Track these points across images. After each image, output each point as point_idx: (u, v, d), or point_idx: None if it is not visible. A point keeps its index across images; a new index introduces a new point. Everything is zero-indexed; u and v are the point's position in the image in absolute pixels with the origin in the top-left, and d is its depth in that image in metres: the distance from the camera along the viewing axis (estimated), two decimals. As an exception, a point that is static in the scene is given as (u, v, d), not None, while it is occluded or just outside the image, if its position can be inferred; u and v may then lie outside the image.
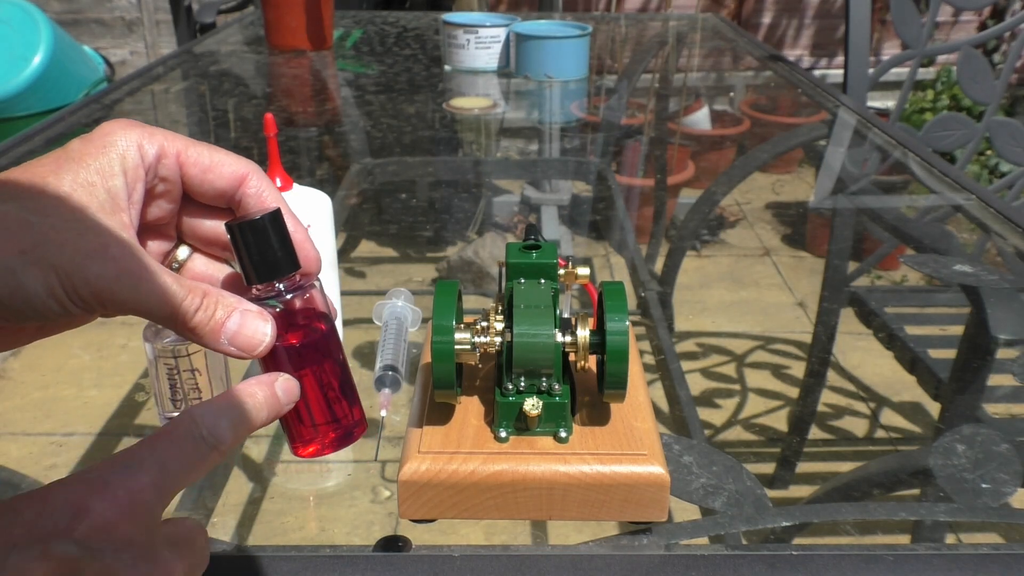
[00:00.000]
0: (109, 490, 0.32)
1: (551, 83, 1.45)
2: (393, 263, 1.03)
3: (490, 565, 0.44)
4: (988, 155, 2.85)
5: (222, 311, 0.37)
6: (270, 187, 0.40)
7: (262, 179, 0.39)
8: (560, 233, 1.09)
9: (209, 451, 0.35)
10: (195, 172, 0.38)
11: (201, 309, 0.36)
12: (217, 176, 0.39)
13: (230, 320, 0.37)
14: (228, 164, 0.39)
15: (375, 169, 1.17)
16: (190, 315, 0.36)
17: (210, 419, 0.35)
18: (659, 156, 1.31)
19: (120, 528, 0.32)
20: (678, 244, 1.07)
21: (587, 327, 0.47)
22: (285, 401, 0.38)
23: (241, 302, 0.37)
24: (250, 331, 0.37)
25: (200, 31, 2.30)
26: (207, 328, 0.36)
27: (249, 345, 0.37)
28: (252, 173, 0.39)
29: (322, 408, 0.40)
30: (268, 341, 0.38)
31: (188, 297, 0.36)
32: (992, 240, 0.93)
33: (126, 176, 0.36)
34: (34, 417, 0.75)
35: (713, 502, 0.50)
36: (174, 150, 0.38)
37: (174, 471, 0.34)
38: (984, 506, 0.52)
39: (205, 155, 0.38)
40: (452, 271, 0.97)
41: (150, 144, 0.37)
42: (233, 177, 0.39)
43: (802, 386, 0.82)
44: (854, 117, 1.31)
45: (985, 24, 3.54)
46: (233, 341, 0.37)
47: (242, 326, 0.37)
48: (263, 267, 0.38)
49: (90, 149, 0.36)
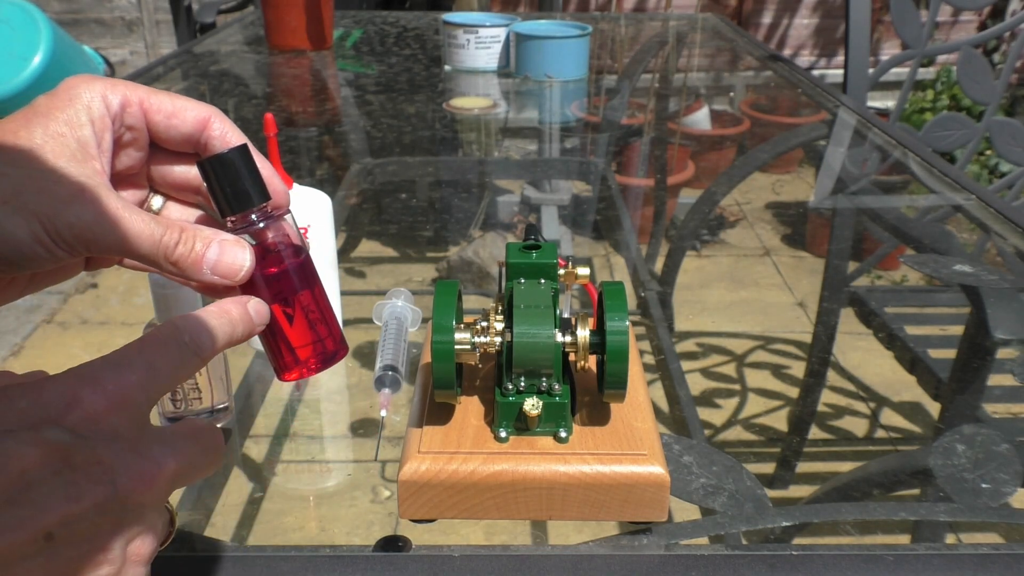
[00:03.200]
0: (100, 384, 0.34)
1: (551, 83, 1.45)
2: (393, 263, 1.03)
3: (490, 565, 0.44)
4: (988, 155, 2.85)
5: (200, 243, 0.38)
6: (232, 128, 0.41)
7: (224, 121, 0.41)
8: (560, 233, 1.09)
9: (191, 356, 0.37)
10: (159, 119, 0.40)
11: (181, 243, 0.38)
12: (181, 121, 0.40)
13: (209, 250, 0.38)
14: (190, 109, 0.40)
15: (375, 169, 1.17)
16: (171, 249, 0.37)
17: (193, 328, 0.37)
18: (659, 156, 1.31)
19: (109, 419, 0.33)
20: (678, 244, 1.07)
21: (587, 327, 0.47)
22: (257, 321, 0.39)
23: (218, 233, 0.39)
24: (229, 259, 0.39)
25: (200, 31, 2.30)
26: (188, 260, 0.38)
27: (230, 271, 0.39)
28: (214, 116, 0.41)
29: (302, 332, 0.42)
30: (248, 266, 0.39)
31: (167, 233, 0.37)
32: (992, 240, 0.93)
33: (94, 126, 0.37)
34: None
35: (713, 502, 0.50)
36: (137, 98, 0.39)
37: (160, 372, 0.35)
38: (984, 506, 0.52)
39: (167, 102, 0.40)
40: (452, 271, 0.97)
41: (113, 94, 0.38)
42: (196, 121, 0.40)
43: (802, 386, 0.82)
44: (854, 117, 1.31)
45: (985, 24, 3.54)
46: (215, 270, 0.39)
47: (221, 254, 0.39)
48: (235, 199, 0.39)
49: (56, 103, 0.37)
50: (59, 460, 0.32)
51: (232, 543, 0.47)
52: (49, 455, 0.32)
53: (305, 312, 0.41)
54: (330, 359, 0.42)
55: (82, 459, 0.32)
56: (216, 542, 0.47)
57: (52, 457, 0.32)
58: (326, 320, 0.42)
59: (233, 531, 0.57)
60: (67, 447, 0.32)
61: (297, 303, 0.41)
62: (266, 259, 0.40)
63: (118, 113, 0.39)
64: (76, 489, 0.32)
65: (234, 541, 0.48)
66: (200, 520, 0.55)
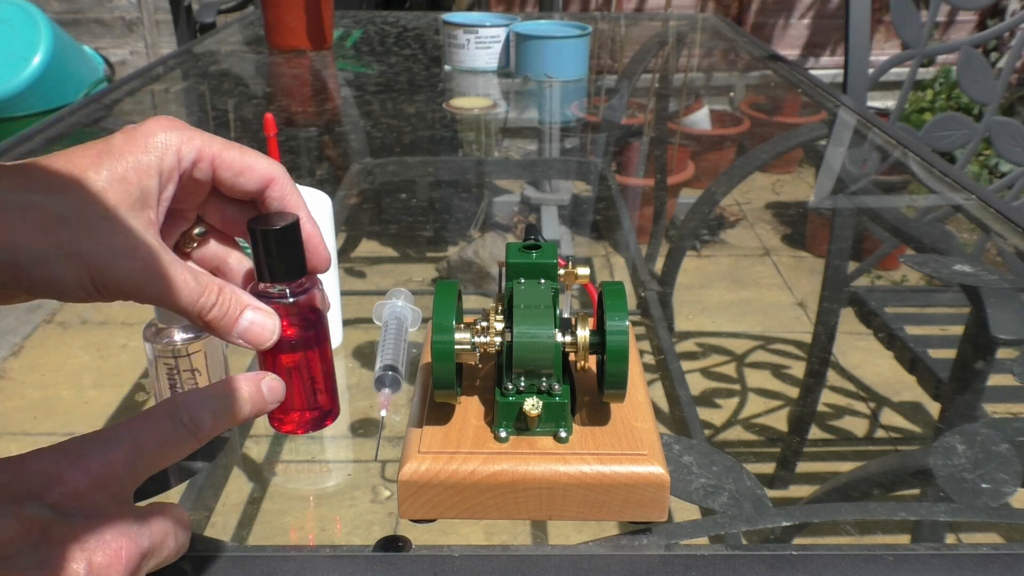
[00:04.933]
0: (83, 461, 0.35)
1: (551, 83, 1.45)
2: (393, 263, 1.03)
3: (490, 565, 0.44)
4: (988, 155, 2.85)
5: (235, 308, 0.40)
6: (293, 191, 0.43)
7: (287, 183, 0.43)
8: (560, 233, 1.08)
9: (187, 436, 0.38)
10: (227, 175, 0.41)
11: (217, 306, 0.40)
12: (247, 180, 0.42)
13: (242, 318, 0.41)
14: (257, 168, 0.42)
15: (375, 169, 1.17)
16: (206, 310, 0.39)
17: (193, 406, 0.38)
18: (659, 156, 1.31)
19: (91, 496, 0.34)
20: (678, 244, 1.07)
21: (587, 327, 0.47)
22: (270, 399, 0.41)
23: (252, 300, 0.41)
24: (258, 328, 0.41)
25: (200, 31, 2.30)
26: (221, 323, 0.40)
27: (258, 340, 0.41)
28: (279, 177, 0.42)
29: (304, 394, 0.45)
30: (274, 338, 0.42)
31: (205, 294, 0.39)
32: (992, 240, 0.93)
33: (160, 177, 0.39)
34: (34, 417, 0.75)
35: (713, 502, 0.50)
36: (210, 154, 0.40)
37: (149, 450, 0.36)
38: (984, 506, 0.52)
39: (237, 159, 0.41)
40: (452, 271, 0.97)
41: (189, 149, 0.40)
42: (261, 180, 0.42)
43: (802, 386, 0.82)
44: (854, 117, 1.31)
45: (985, 24, 3.54)
46: (243, 335, 0.41)
47: (252, 323, 0.41)
48: (274, 270, 0.42)
49: (131, 148, 0.38)
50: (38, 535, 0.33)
51: (232, 543, 0.47)
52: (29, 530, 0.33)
53: (311, 375, 0.45)
54: (321, 422, 0.46)
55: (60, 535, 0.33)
56: (216, 542, 0.47)
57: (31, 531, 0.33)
58: (326, 384, 0.46)
59: (233, 531, 0.57)
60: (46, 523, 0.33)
61: (306, 365, 0.44)
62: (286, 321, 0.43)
63: (188, 168, 0.40)
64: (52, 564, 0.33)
65: (234, 541, 0.48)
66: (200, 520, 0.55)
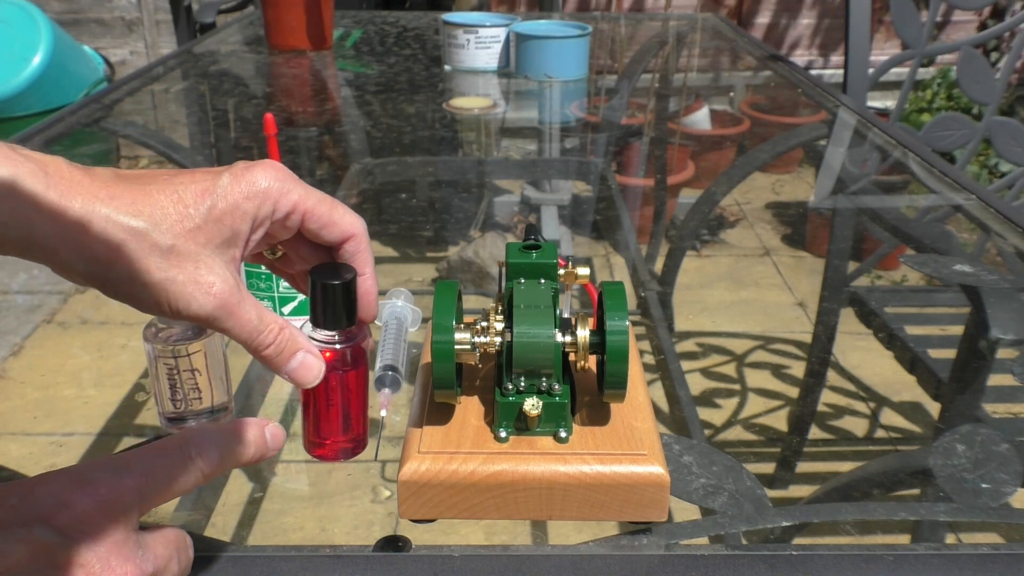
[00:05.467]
0: (92, 486, 0.36)
1: (551, 83, 1.45)
2: (393, 263, 1.03)
3: (490, 565, 0.44)
4: (988, 155, 2.85)
5: (288, 350, 0.44)
6: (367, 249, 0.47)
7: (363, 241, 0.46)
8: (560, 233, 1.09)
9: (195, 471, 0.39)
10: (313, 227, 0.44)
11: (274, 345, 0.43)
12: (329, 232, 0.45)
13: (294, 358, 0.44)
14: (341, 225, 0.45)
15: (375, 169, 1.17)
16: (263, 347, 0.43)
17: (202, 444, 0.40)
18: (659, 156, 1.31)
19: (97, 522, 0.35)
20: (678, 244, 1.07)
21: (587, 327, 0.47)
22: (272, 446, 0.43)
23: (305, 342, 0.45)
24: (305, 371, 0.44)
25: (200, 31, 2.30)
26: (274, 360, 0.43)
27: (303, 380, 0.45)
28: (359, 235, 0.46)
29: (339, 424, 0.48)
30: (318, 380, 0.45)
31: (265, 331, 0.43)
32: (992, 240, 0.93)
33: (254, 222, 0.42)
34: (34, 417, 0.75)
35: (713, 502, 0.50)
36: (303, 208, 0.43)
37: (157, 482, 0.38)
38: (984, 506, 0.52)
39: (326, 214, 0.44)
40: (452, 271, 0.97)
41: (286, 202, 0.43)
42: (342, 235, 0.45)
43: (802, 386, 0.82)
44: (854, 117, 1.31)
45: (985, 24, 3.54)
46: (292, 374, 0.44)
47: (302, 364, 0.44)
48: (327, 318, 0.46)
49: (234, 191, 0.41)
50: (44, 559, 0.33)
51: (232, 543, 0.47)
52: (36, 554, 0.33)
53: (347, 409, 0.48)
54: (352, 451, 0.50)
55: (66, 560, 0.34)
56: (216, 542, 0.47)
57: (38, 556, 0.33)
58: (362, 417, 0.49)
59: (233, 531, 0.57)
60: (53, 547, 0.34)
61: (344, 399, 0.48)
62: (332, 360, 0.47)
63: (280, 220, 0.43)
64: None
65: (234, 541, 0.48)
66: (200, 520, 0.55)
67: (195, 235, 0.40)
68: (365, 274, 0.46)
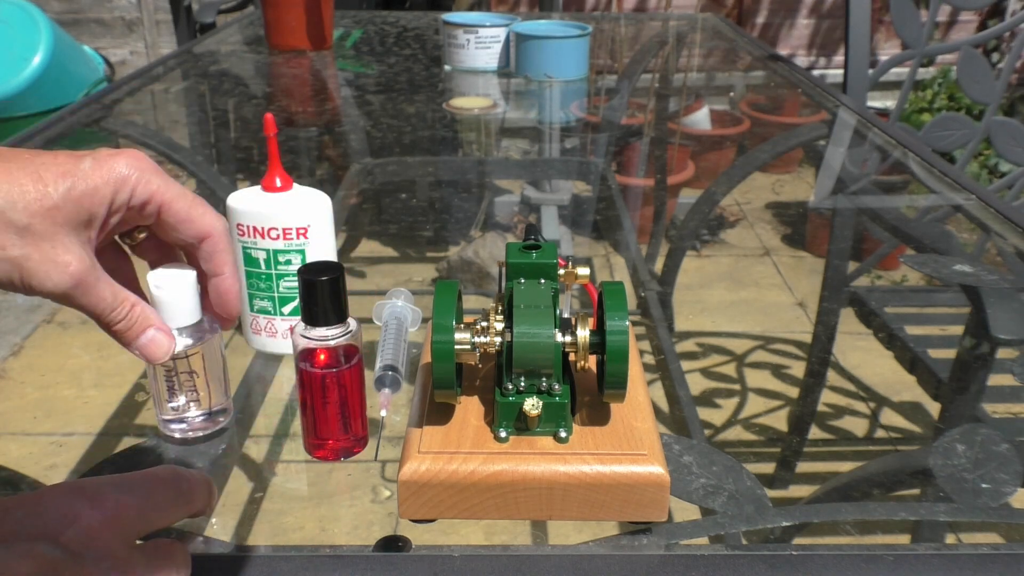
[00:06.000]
0: (99, 501, 0.37)
1: (551, 83, 1.45)
2: (393, 263, 1.03)
3: (490, 565, 0.44)
4: (988, 155, 2.85)
5: (139, 326, 0.46)
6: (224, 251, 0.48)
7: (221, 241, 0.47)
8: (560, 233, 1.08)
9: (183, 504, 0.42)
10: (170, 221, 0.46)
11: (125, 320, 0.45)
12: (186, 229, 0.46)
13: (143, 336, 0.46)
14: (198, 223, 0.46)
15: (375, 169, 1.17)
16: (115, 322, 0.45)
17: (190, 481, 0.42)
18: (659, 156, 1.31)
19: (102, 537, 0.36)
20: (678, 244, 1.07)
21: (587, 327, 0.47)
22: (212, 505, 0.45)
23: (157, 320, 0.47)
24: (156, 345, 0.47)
25: (200, 31, 2.30)
26: (123, 336, 0.46)
27: (152, 355, 0.47)
28: (215, 235, 0.47)
29: (338, 424, 0.50)
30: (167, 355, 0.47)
31: (118, 308, 0.44)
32: (992, 240, 0.93)
33: (110, 207, 0.43)
34: (34, 417, 0.75)
35: (713, 502, 0.50)
36: (160, 200, 0.45)
37: (157, 504, 0.40)
38: (984, 506, 0.52)
39: (184, 210, 0.46)
40: (452, 271, 0.97)
41: (143, 191, 0.44)
42: (198, 235, 0.47)
43: (802, 386, 0.82)
44: (854, 117, 1.31)
45: (985, 24, 3.54)
46: (141, 349, 0.47)
47: (152, 340, 0.47)
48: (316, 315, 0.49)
49: (95, 175, 0.42)
50: (50, 574, 0.34)
51: (232, 543, 0.47)
52: (41, 569, 0.34)
53: (344, 407, 0.50)
54: (351, 450, 0.52)
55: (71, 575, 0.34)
56: (216, 542, 0.47)
57: (43, 571, 0.34)
58: (360, 416, 0.52)
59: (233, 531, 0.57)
60: (58, 562, 0.34)
61: (342, 399, 0.50)
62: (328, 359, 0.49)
63: (136, 207, 0.44)
64: None
65: (234, 541, 0.48)
66: (200, 520, 0.55)
67: (53, 214, 0.40)
68: (223, 274, 0.48)
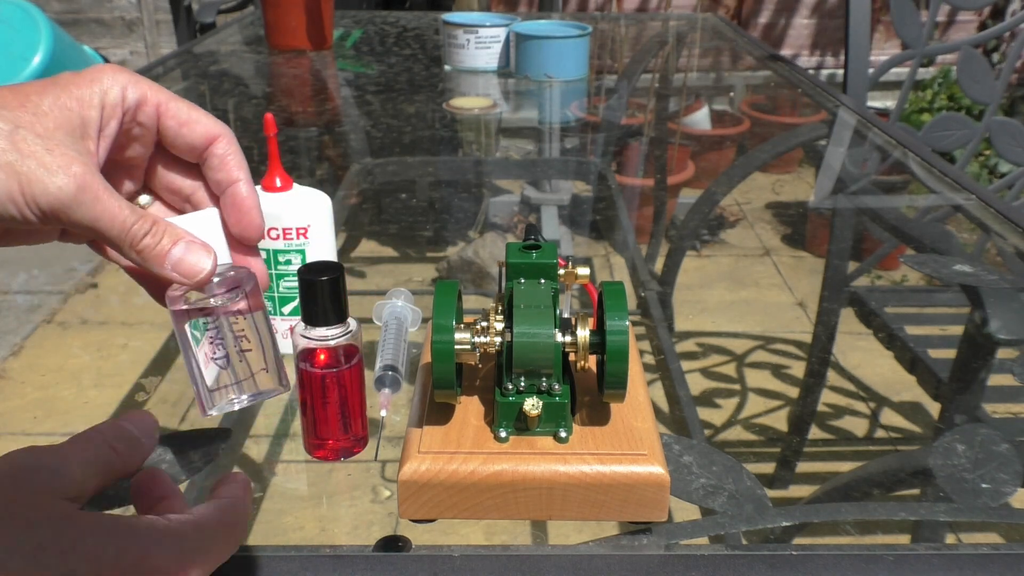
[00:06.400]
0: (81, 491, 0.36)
1: (551, 83, 1.45)
2: (393, 263, 1.03)
3: (490, 565, 0.44)
4: (988, 155, 2.85)
5: (168, 239, 0.39)
6: (237, 153, 0.43)
7: (231, 144, 0.42)
8: (560, 233, 1.08)
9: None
10: (171, 124, 0.41)
11: (150, 234, 0.39)
12: (190, 131, 0.41)
13: (175, 248, 0.39)
14: (203, 123, 0.42)
15: (375, 169, 1.17)
16: (138, 238, 0.38)
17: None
18: (659, 156, 1.31)
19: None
20: (678, 244, 1.07)
21: (587, 327, 0.47)
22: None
23: (188, 233, 0.40)
24: (192, 260, 0.40)
25: (200, 31, 2.30)
26: (153, 252, 0.39)
27: (191, 272, 0.40)
28: (223, 136, 0.42)
29: (338, 423, 0.50)
30: (208, 270, 0.40)
31: (139, 222, 0.38)
32: (992, 240, 0.93)
33: (103, 110, 0.39)
34: (34, 417, 0.75)
35: (713, 502, 0.50)
36: (155, 100, 0.41)
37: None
38: (984, 506, 0.52)
39: (184, 110, 0.41)
40: (452, 271, 0.97)
41: (134, 90, 0.40)
42: (205, 135, 0.42)
43: (802, 386, 0.82)
44: (854, 117, 1.31)
45: (985, 24, 3.54)
46: (176, 267, 0.39)
47: (186, 254, 0.39)
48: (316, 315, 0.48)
49: (77, 80, 0.38)
50: None
51: (232, 543, 0.47)
52: None
53: (345, 407, 0.49)
54: (350, 451, 0.51)
55: None
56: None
57: None
58: (360, 416, 0.51)
59: (233, 531, 0.56)
60: None
61: (343, 399, 0.49)
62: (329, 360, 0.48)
63: (132, 107, 0.40)
64: None
65: (234, 541, 0.48)
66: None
67: (41, 120, 0.36)
68: (239, 179, 0.42)
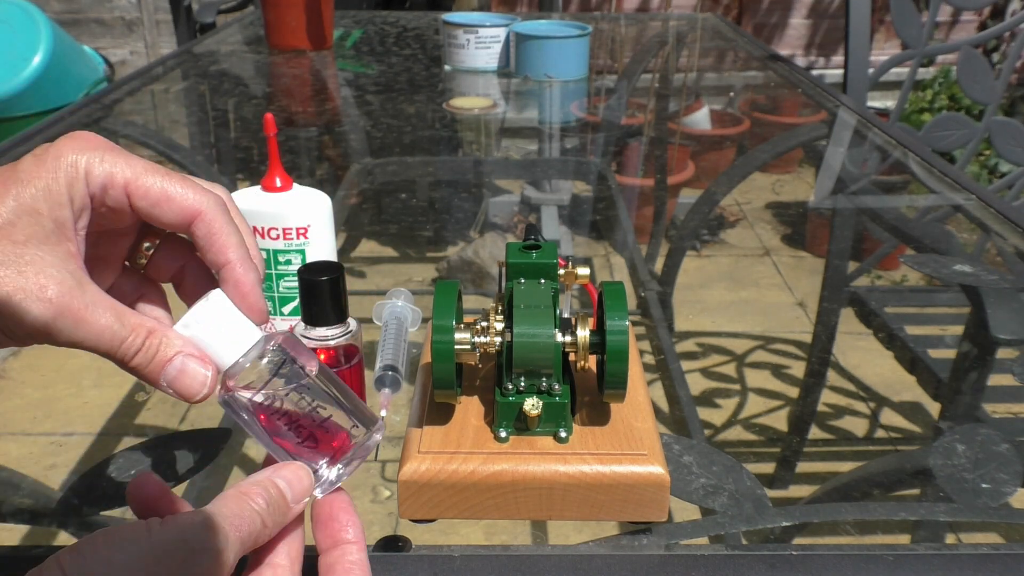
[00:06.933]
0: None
1: (551, 83, 1.45)
2: (393, 263, 1.03)
3: (490, 565, 0.44)
4: (988, 155, 2.85)
5: (163, 354, 0.36)
6: (223, 230, 0.37)
7: (215, 219, 0.37)
8: (560, 233, 1.09)
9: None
10: (143, 205, 0.36)
11: (141, 351, 0.36)
12: (165, 211, 0.37)
13: (170, 365, 0.36)
14: (178, 200, 0.37)
15: (375, 169, 1.17)
16: (129, 355, 0.36)
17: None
18: (659, 156, 1.31)
19: None
20: (678, 244, 1.07)
21: (587, 327, 0.47)
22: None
23: (186, 345, 0.37)
24: (187, 377, 0.36)
25: (200, 31, 2.30)
26: (146, 370, 0.36)
27: (188, 391, 0.36)
28: (205, 212, 0.37)
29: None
30: (207, 389, 0.37)
31: (130, 337, 0.35)
32: (992, 240, 0.93)
33: (72, 205, 0.35)
34: (34, 417, 0.75)
35: (713, 502, 0.50)
36: (123, 179, 0.36)
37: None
38: (984, 506, 0.52)
39: (156, 187, 0.36)
40: (452, 271, 0.97)
41: (98, 173, 0.36)
42: (182, 214, 0.37)
43: (802, 386, 0.82)
44: (854, 117, 1.31)
45: (985, 24, 3.54)
46: (172, 385, 0.36)
47: (182, 371, 0.36)
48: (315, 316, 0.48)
49: (40, 172, 0.35)
50: None
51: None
52: None
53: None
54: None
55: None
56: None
57: None
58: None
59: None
60: None
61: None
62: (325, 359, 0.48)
63: (98, 194, 0.36)
64: None
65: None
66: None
67: (9, 234, 0.33)
68: (229, 261, 0.37)
